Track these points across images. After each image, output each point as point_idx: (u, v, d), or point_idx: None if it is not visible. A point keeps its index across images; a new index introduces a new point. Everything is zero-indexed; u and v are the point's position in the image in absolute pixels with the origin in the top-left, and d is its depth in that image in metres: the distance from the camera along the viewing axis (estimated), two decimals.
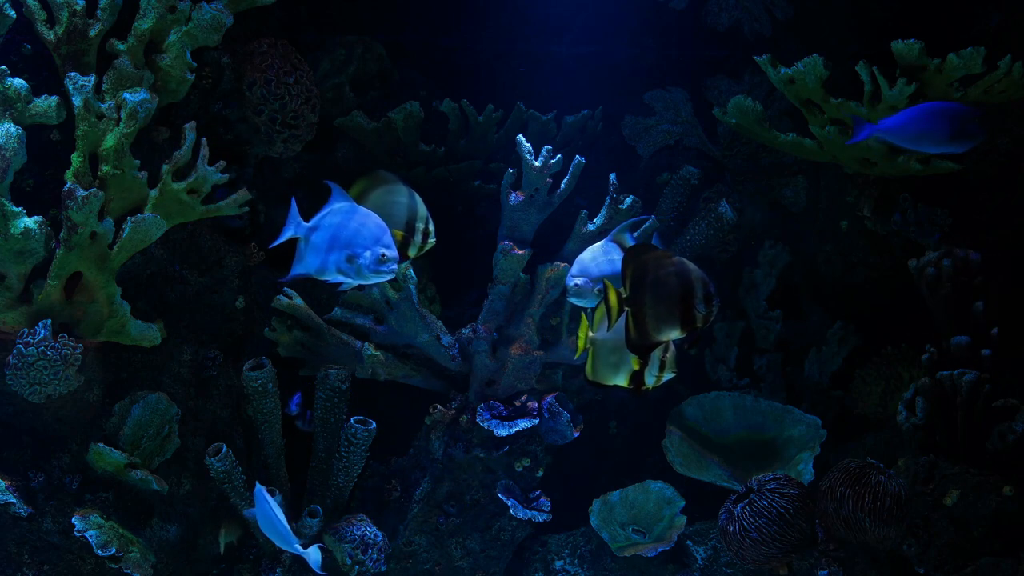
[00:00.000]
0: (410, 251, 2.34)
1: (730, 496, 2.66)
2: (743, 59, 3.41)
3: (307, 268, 2.23)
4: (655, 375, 2.29)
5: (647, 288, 2.11)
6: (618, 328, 2.22)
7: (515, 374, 2.94)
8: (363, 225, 2.19)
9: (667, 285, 2.10)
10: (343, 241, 2.19)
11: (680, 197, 3.31)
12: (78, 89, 2.31)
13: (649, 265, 2.12)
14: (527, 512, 2.93)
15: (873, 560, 2.60)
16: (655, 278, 2.11)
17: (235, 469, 2.64)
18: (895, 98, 2.60)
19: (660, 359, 2.28)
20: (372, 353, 2.89)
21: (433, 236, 2.35)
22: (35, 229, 2.30)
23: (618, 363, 2.30)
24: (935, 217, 2.96)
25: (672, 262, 2.11)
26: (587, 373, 2.35)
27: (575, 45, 3.54)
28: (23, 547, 2.50)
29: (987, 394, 2.61)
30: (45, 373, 2.31)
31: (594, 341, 2.31)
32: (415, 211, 2.32)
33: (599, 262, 2.40)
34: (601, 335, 2.29)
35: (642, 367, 2.28)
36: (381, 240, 2.18)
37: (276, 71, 2.77)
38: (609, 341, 2.28)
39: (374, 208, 2.29)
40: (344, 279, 2.22)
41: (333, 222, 2.21)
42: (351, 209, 2.22)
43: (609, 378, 2.33)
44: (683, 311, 2.09)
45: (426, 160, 3.27)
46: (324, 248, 2.20)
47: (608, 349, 2.30)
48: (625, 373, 2.30)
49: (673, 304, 2.10)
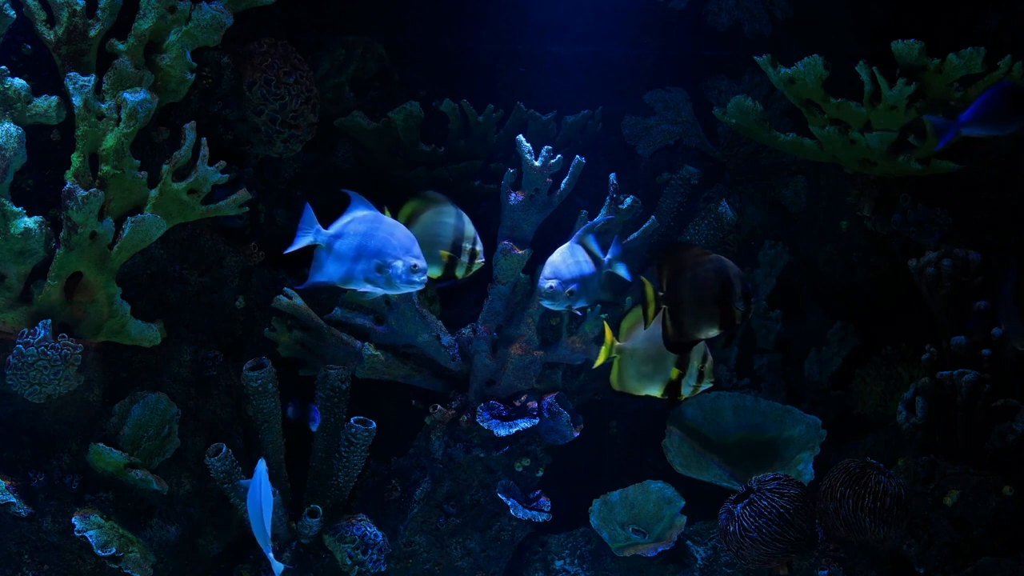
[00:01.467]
0: (457, 271, 2.31)
1: (730, 496, 2.66)
2: (743, 59, 3.41)
3: (330, 276, 2.18)
4: (692, 385, 2.26)
5: (685, 285, 2.08)
6: (651, 336, 2.19)
7: (515, 374, 2.94)
8: (391, 234, 2.15)
9: (706, 282, 2.07)
10: (372, 250, 2.14)
11: (680, 197, 3.31)
12: (78, 89, 2.31)
13: (687, 261, 2.09)
14: (527, 512, 2.93)
15: (873, 560, 2.60)
16: (693, 275, 2.08)
17: (235, 469, 2.64)
18: (895, 98, 2.60)
19: (699, 369, 2.25)
20: (372, 353, 2.89)
21: (481, 256, 2.32)
22: (35, 229, 2.30)
23: (651, 373, 2.26)
24: (935, 217, 2.96)
25: (710, 258, 2.09)
26: (612, 383, 2.31)
27: (575, 45, 3.54)
28: (23, 547, 2.50)
29: (987, 394, 2.61)
30: (45, 373, 2.31)
31: (622, 350, 2.27)
32: (462, 231, 2.30)
33: (569, 264, 2.37)
34: (632, 343, 2.26)
35: (679, 376, 2.25)
36: (411, 250, 2.14)
37: (276, 71, 2.78)
38: (640, 350, 2.25)
39: (423, 229, 2.27)
40: (372, 288, 2.18)
41: (359, 230, 2.16)
42: (376, 218, 2.18)
43: (639, 388, 2.29)
44: (722, 308, 2.07)
45: (426, 160, 3.27)
46: (350, 257, 2.16)
47: (640, 358, 2.26)
48: (660, 383, 2.26)
49: (712, 301, 2.07)
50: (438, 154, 3.27)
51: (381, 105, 3.30)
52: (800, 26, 3.40)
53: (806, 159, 3.14)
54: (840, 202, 3.24)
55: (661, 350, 2.24)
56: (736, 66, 3.49)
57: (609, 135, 3.54)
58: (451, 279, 2.32)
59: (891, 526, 2.45)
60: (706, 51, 3.53)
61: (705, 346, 2.26)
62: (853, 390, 3.28)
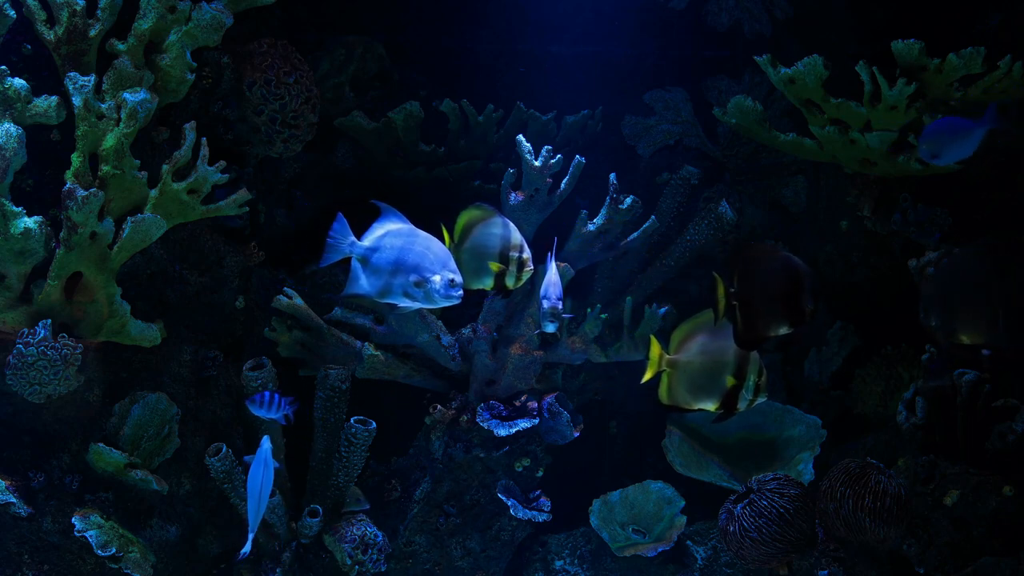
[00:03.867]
0: (508, 281, 2.30)
1: (730, 496, 2.66)
2: (743, 59, 3.41)
3: (366, 289, 2.19)
4: (749, 398, 2.25)
5: (757, 281, 2.08)
6: (705, 348, 2.19)
7: (515, 374, 2.94)
8: (428, 248, 2.15)
9: (778, 278, 2.06)
10: (410, 264, 2.14)
11: (680, 197, 3.31)
12: (78, 89, 2.31)
13: (758, 258, 2.09)
14: (527, 512, 2.93)
15: (873, 560, 2.60)
16: (766, 271, 2.07)
17: (235, 469, 2.64)
18: (895, 98, 2.60)
19: (756, 382, 2.24)
20: (372, 353, 2.89)
21: (530, 264, 2.30)
22: (35, 229, 2.30)
23: (706, 386, 2.25)
24: (935, 217, 2.95)
25: (780, 256, 2.09)
26: (662, 397, 2.29)
27: (575, 45, 3.53)
28: (23, 547, 2.50)
29: (987, 394, 2.61)
30: (45, 373, 2.31)
31: (674, 363, 2.26)
32: (509, 240, 2.28)
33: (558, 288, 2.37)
34: (685, 356, 2.25)
35: (736, 388, 2.24)
36: (448, 264, 2.15)
37: (276, 71, 2.77)
38: (695, 362, 2.23)
39: (473, 242, 2.27)
40: (409, 303, 2.18)
41: (395, 244, 2.16)
42: (411, 231, 2.18)
43: (692, 402, 2.27)
44: (792, 306, 2.06)
45: (426, 160, 3.27)
46: (388, 271, 2.16)
47: (694, 371, 2.24)
48: (715, 396, 2.25)
49: (783, 298, 2.06)
50: (438, 154, 3.27)
51: (381, 105, 3.30)
52: (800, 26, 3.40)
53: (806, 159, 3.14)
54: (840, 202, 3.23)
55: (716, 362, 2.23)
56: (736, 66, 3.49)
57: (609, 135, 3.54)
58: (502, 290, 2.32)
59: (891, 526, 2.45)
60: (706, 51, 3.53)
61: (760, 359, 2.26)
62: (853, 390, 3.28)
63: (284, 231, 3.19)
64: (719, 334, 2.24)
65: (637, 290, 3.24)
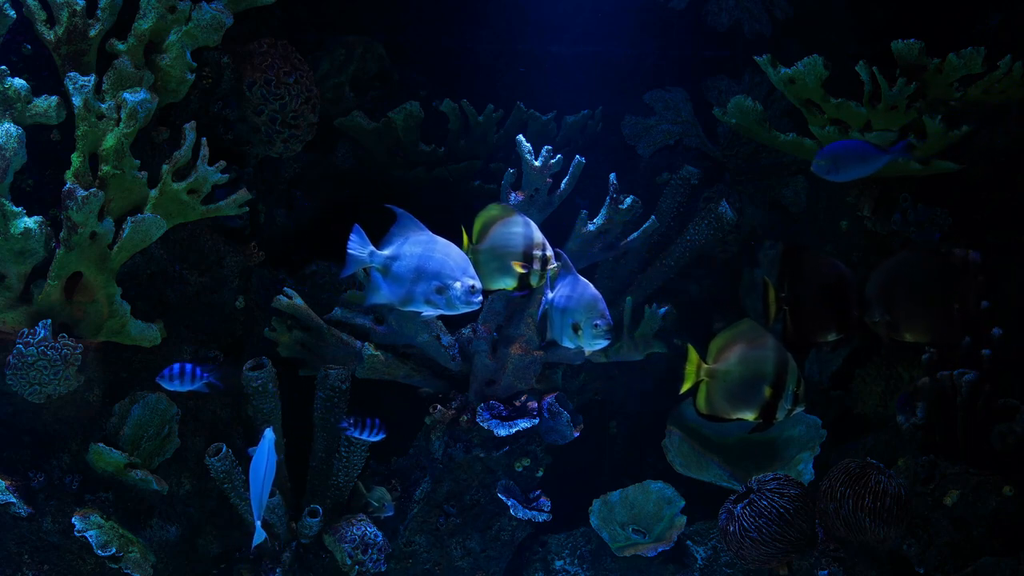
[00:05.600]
0: (532, 279, 2.30)
1: (730, 496, 2.66)
2: (743, 59, 3.41)
3: (388, 298, 2.20)
4: (787, 408, 2.27)
5: (807, 287, 2.11)
6: (744, 358, 2.20)
7: (515, 374, 2.94)
8: (447, 255, 2.17)
9: (828, 285, 2.10)
10: (431, 272, 2.15)
11: (680, 197, 3.31)
12: (78, 89, 2.31)
13: (810, 265, 2.12)
14: (527, 512, 2.93)
15: (873, 560, 2.60)
16: (816, 277, 2.11)
17: (235, 469, 2.64)
18: (895, 98, 2.60)
19: (794, 391, 2.26)
20: (372, 353, 2.89)
21: (553, 261, 2.30)
22: (35, 229, 2.30)
23: (746, 395, 2.26)
24: (935, 217, 2.96)
25: (829, 263, 2.12)
26: (699, 407, 2.31)
27: (575, 45, 3.53)
28: (23, 547, 2.50)
29: (987, 394, 2.61)
30: (45, 373, 2.31)
31: (713, 372, 2.27)
32: (531, 238, 2.29)
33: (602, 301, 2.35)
34: (724, 365, 2.26)
35: (775, 398, 2.25)
36: (467, 271, 2.17)
37: (276, 71, 2.78)
38: (734, 372, 2.25)
39: (494, 242, 2.28)
40: (431, 310, 2.20)
41: (415, 252, 2.17)
42: (430, 239, 2.19)
43: (731, 411, 2.29)
44: (843, 313, 2.10)
45: (426, 160, 3.27)
46: (409, 279, 2.17)
47: (733, 381, 2.25)
48: (755, 406, 2.26)
49: (833, 305, 2.09)
50: (438, 154, 3.27)
51: (381, 105, 3.30)
52: (800, 26, 3.40)
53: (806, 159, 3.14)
54: (840, 202, 3.23)
55: (756, 372, 2.25)
56: (736, 66, 3.49)
57: (609, 135, 3.54)
58: (526, 288, 2.32)
59: (891, 526, 2.45)
60: (706, 51, 3.53)
61: (798, 369, 2.28)
62: (853, 390, 3.28)
63: (284, 231, 3.19)
64: (757, 344, 2.26)
65: (637, 290, 3.24)
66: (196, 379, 2.49)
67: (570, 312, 2.29)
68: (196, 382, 2.49)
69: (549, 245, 2.31)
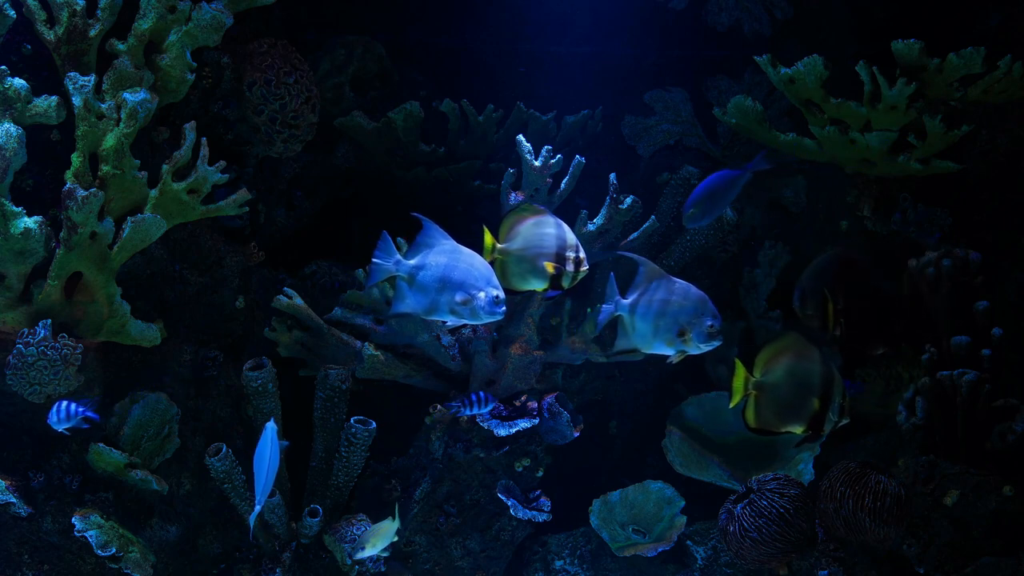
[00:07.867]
0: (564, 282, 2.29)
1: (730, 496, 2.66)
2: (743, 59, 3.41)
3: (413, 307, 2.21)
4: (834, 420, 2.28)
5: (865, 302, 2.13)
6: (792, 370, 2.22)
7: (515, 374, 2.94)
8: (472, 266, 2.18)
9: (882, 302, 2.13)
10: (456, 282, 2.17)
11: (680, 197, 3.31)
12: (78, 89, 2.31)
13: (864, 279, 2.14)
14: (527, 512, 2.93)
15: (873, 560, 2.60)
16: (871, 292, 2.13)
17: (235, 469, 2.64)
18: (895, 98, 2.60)
19: (840, 403, 2.27)
20: (372, 353, 2.89)
21: (586, 263, 2.30)
22: (35, 229, 2.30)
23: (795, 408, 2.26)
24: (935, 217, 2.96)
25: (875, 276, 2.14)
26: (749, 420, 2.31)
27: (575, 45, 3.54)
28: (23, 547, 2.50)
29: (987, 394, 2.61)
30: (45, 373, 2.31)
31: (762, 386, 2.27)
32: (564, 240, 2.28)
33: (710, 303, 2.33)
34: (772, 378, 2.27)
35: (823, 410, 2.26)
36: (491, 281, 2.18)
37: (276, 71, 2.78)
38: (783, 384, 2.25)
39: (525, 242, 2.27)
40: (455, 320, 2.21)
41: (440, 262, 2.18)
42: (455, 248, 2.20)
43: (780, 424, 2.29)
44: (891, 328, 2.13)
45: (426, 160, 3.27)
46: (434, 289, 2.18)
47: (782, 393, 2.25)
48: (804, 418, 2.27)
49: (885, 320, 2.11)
50: (438, 154, 3.27)
51: (381, 105, 3.30)
52: (800, 26, 3.40)
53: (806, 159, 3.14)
54: (840, 202, 3.23)
55: (804, 384, 2.26)
56: (736, 66, 3.49)
57: (609, 135, 3.54)
58: (558, 289, 2.32)
59: (891, 526, 2.45)
60: (706, 51, 3.53)
61: (844, 382, 2.30)
62: None
63: (284, 231, 3.19)
64: (804, 356, 2.28)
65: None
66: (74, 416, 2.34)
67: (672, 315, 2.25)
68: (74, 420, 2.34)
69: (583, 248, 2.31)
